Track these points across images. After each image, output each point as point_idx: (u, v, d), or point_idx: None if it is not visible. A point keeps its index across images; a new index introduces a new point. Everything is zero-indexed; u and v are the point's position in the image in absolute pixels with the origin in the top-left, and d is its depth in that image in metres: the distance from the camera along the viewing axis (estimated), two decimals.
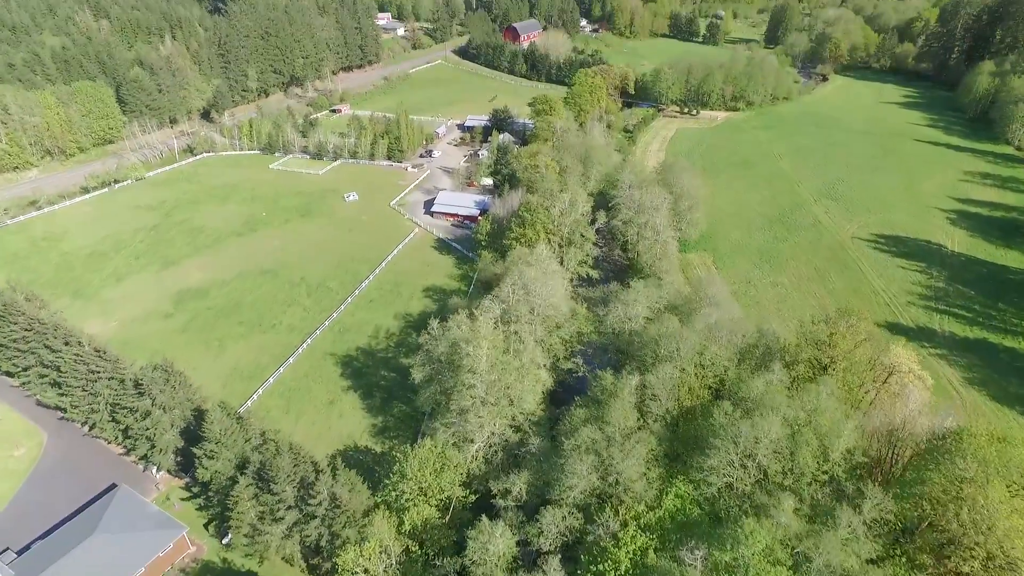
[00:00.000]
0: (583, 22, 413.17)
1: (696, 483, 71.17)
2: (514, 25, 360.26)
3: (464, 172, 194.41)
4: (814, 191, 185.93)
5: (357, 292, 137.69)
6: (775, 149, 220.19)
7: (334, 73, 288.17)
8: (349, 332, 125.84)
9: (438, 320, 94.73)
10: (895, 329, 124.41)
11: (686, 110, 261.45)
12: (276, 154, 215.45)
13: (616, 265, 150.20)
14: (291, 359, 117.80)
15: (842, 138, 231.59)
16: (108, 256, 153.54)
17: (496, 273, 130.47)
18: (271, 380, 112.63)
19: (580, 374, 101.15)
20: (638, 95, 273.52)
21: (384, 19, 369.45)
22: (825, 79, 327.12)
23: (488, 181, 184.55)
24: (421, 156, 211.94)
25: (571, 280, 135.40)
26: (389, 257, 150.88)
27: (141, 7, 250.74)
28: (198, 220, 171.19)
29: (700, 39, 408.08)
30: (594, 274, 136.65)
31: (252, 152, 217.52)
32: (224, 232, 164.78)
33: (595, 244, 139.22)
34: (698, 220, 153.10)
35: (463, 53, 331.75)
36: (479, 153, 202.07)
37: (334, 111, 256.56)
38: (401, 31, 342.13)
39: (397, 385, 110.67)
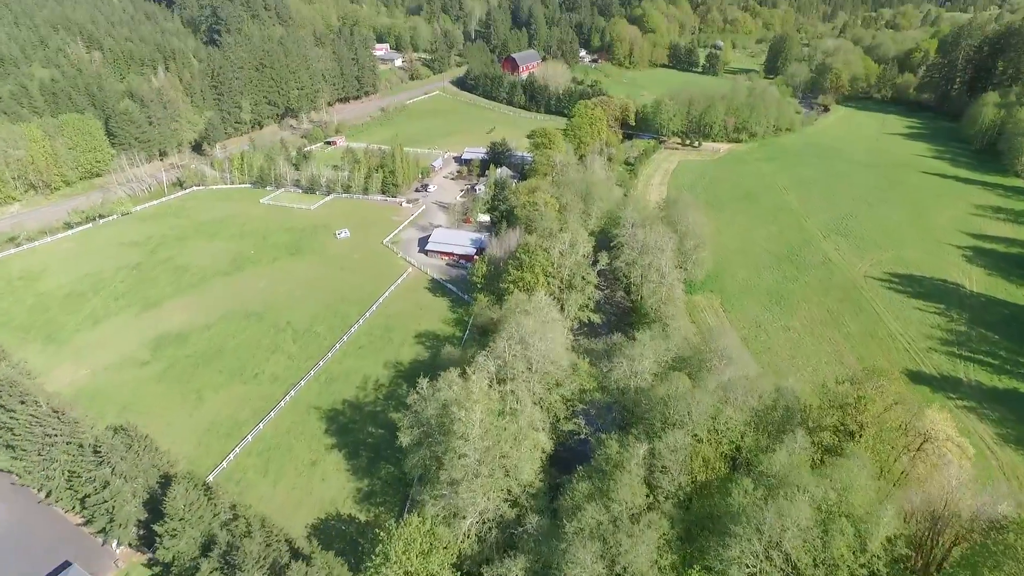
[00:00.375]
0: (582, 52, 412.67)
1: (715, 575, 62.92)
2: (513, 56, 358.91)
3: (460, 208, 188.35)
4: (822, 226, 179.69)
5: (346, 337, 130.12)
6: (779, 182, 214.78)
7: (330, 104, 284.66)
8: (336, 382, 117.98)
9: (427, 378, 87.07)
10: (917, 378, 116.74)
11: (688, 142, 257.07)
12: (268, 188, 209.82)
13: (619, 307, 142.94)
14: (272, 413, 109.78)
15: (847, 169, 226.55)
16: (86, 297, 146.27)
17: (492, 318, 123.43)
18: (249, 437, 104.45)
19: (582, 436, 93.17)
20: (639, 126, 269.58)
21: (382, 50, 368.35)
22: (827, 109, 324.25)
23: (485, 218, 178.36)
24: (416, 190, 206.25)
25: (572, 327, 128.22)
26: (381, 299, 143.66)
27: (135, 39, 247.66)
28: (183, 258, 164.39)
29: (700, 69, 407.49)
30: (596, 318, 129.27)
31: (243, 186, 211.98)
32: (210, 271, 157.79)
33: (597, 287, 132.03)
34: (704, 260, 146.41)
35: (461, 84, 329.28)
36: (476, 188, 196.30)
37: (329, 143, 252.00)
38: (399, 62, 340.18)
39: (385, 443, 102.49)
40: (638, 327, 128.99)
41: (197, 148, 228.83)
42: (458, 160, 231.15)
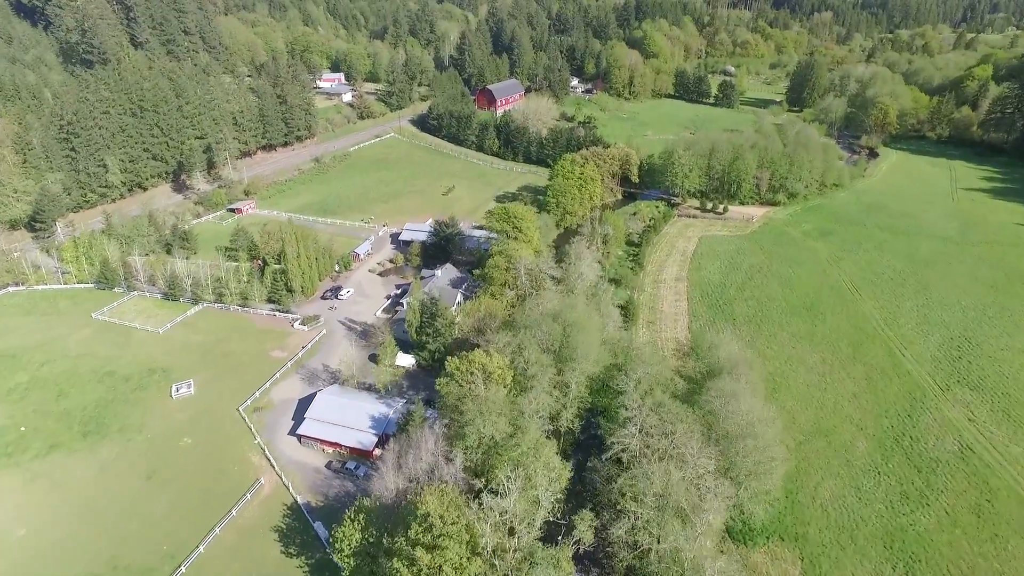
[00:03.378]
0: (574, 81, 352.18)
1: None
2: (489, 87, 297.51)
3: (379, 330, 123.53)
4: (933, 366, 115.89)
5: None
6: (845, 275, 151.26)
7: (250, 154, 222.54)
8: None
9: None
10: None
11: (710, 206, 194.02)
12: (117, 289, 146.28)
13: None
14: None
15: (934, 252, 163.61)
16: None
17: None
18: None
19: None
20: (644, 182, 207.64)
21: (333, 81, 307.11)
22: (874, 154, 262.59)
23: (407, 360, 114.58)
24: (324, 296, 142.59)
25: None
26: (185, 565, 78.99)
27: None
28: None
29: (712, 100, 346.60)
30: None
31: (82, 286, 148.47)
32: None
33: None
34: (772, 483, 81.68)
35: (422, 123, 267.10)
36: (403, 301, 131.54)
37: (232, 211, 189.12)
38: (348, 96, 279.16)
39: None
40: None
41: (32, 226, 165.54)
42: (395, 241, 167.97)
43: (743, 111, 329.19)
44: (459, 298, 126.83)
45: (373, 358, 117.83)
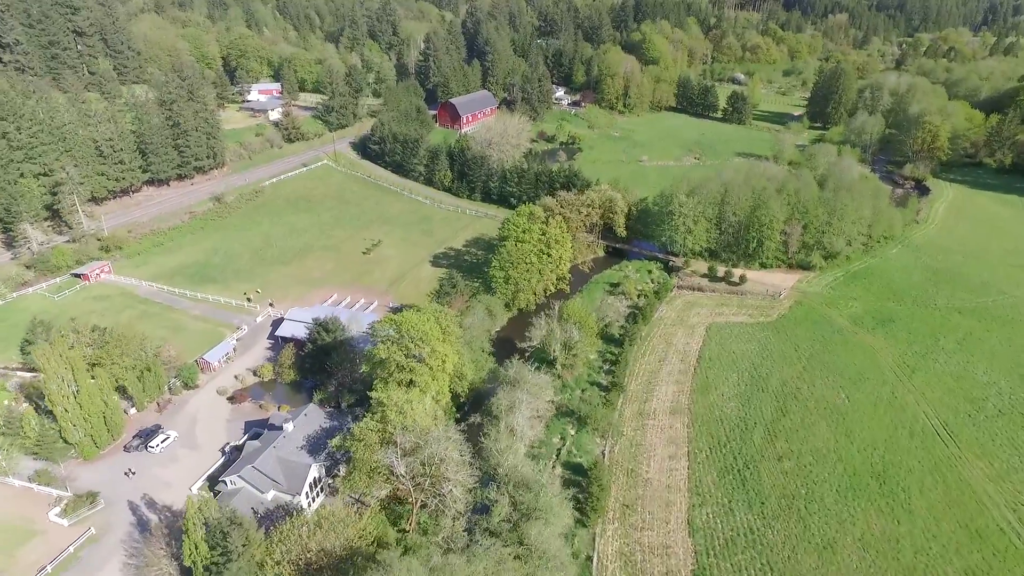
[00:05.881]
0: (559, 92, 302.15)
1: None
2: (452, 100, 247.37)
3: (159, 541, 72.86)
4: None
5: None
6: (926, 402, 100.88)
7: (130, 192, 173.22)
8: None
9: None
10: None
11: (721, 272, 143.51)
12: None
13: None
14: None
15: None
16: None
17: None
18: None
19: None
20: (634, 231, 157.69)
21: (270, 93, 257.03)
22: (922, 188, 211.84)
23: None
24: (128, 447, 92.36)
25: None
26: None
27: None
28: None
29: (720, 114, 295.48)
30: None
31: None
32: None
33: None
34: None
35: (362, 147, 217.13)
36: (225, 479, 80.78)
37: (77, 276, 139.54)
38: (276, 113, 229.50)
39: None
40: None
41: None
42: (274, 335, 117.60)
43: (757, 128, 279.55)
44: (315, 474, 76.62)
45: None
